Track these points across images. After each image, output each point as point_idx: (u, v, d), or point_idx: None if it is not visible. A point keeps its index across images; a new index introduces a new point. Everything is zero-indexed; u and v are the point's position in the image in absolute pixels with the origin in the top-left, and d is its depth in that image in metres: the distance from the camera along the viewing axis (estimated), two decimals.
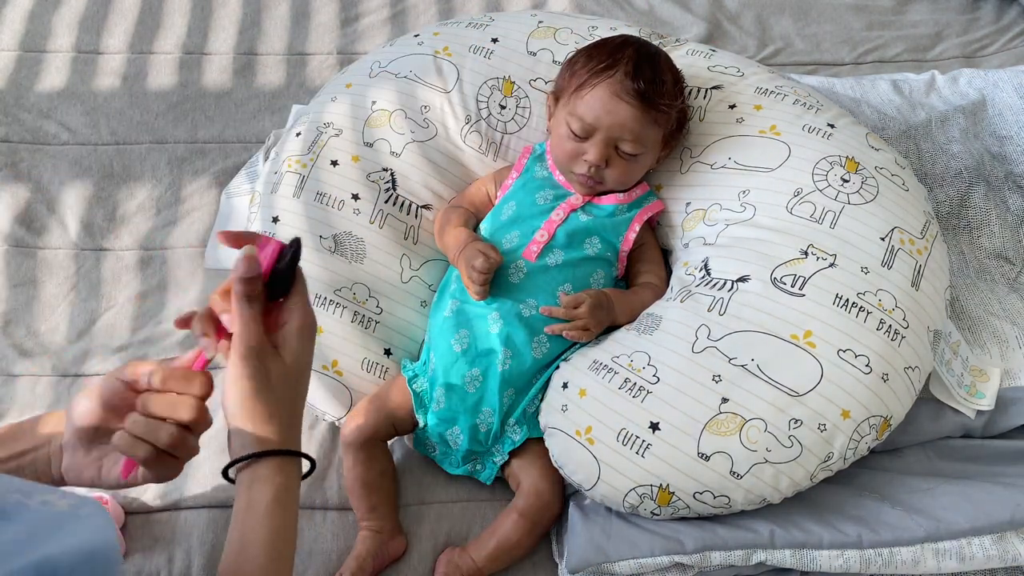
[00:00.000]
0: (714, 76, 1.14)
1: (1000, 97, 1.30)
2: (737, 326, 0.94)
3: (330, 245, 1.07)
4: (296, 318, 0.75)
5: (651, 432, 0.91)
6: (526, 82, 1.16)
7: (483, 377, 1.00)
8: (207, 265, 1.23)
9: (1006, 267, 1.18)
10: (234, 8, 1.59)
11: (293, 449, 0.73)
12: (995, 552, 0.90)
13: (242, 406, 0.71)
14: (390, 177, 1.13)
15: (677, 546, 0.90)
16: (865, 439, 0.92)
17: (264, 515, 0.70)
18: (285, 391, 0.73)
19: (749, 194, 1.04)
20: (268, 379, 0.72)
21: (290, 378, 0.73)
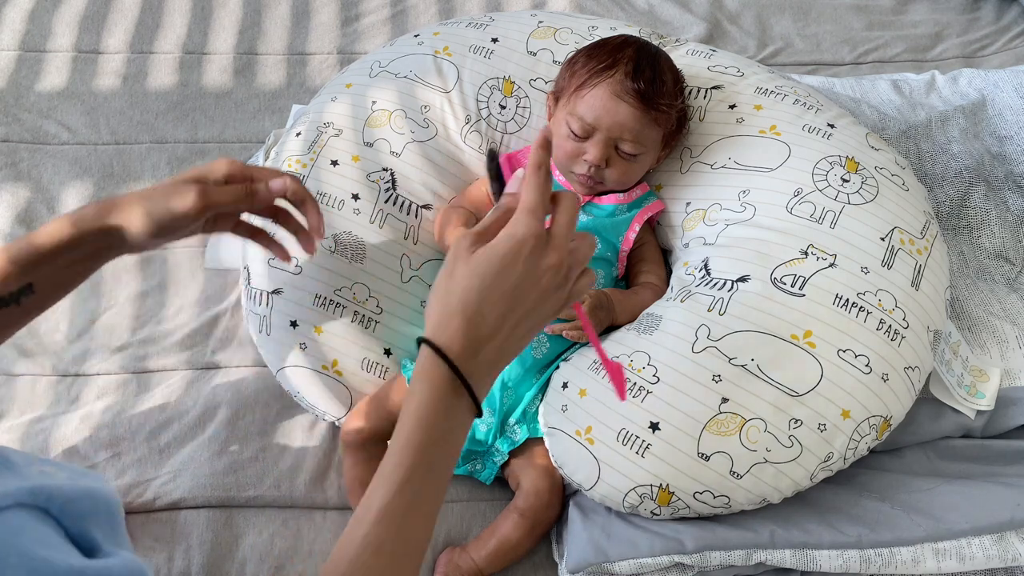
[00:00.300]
0: (714, 76, 1.14)
1: (1000, 97, 1.30)
2: (737, 326, 0.94)
3: (330, 245, 1.07)
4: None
5: (651, 432, 0.91)
6: (526, 82, 1.16)
7: None
8: (207, 265, 1.23)
9: (1006, 267, 1.18)
10: (234, 8, 1.59)
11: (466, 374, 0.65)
12: (995, 552, 0.90)
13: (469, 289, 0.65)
14: (390, 177, 1.13)
15: (677, 546, 0.90)
16: (865, 439, 0.92)
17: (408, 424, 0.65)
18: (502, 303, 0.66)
19: (749, 194, 1.04)
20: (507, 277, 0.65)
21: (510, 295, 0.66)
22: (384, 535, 0.63)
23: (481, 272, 0.65)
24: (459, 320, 0.65)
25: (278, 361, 1.06)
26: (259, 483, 1.03)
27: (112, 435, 1.06)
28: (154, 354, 1.15)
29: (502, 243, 0.66)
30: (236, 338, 1.16)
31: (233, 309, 1.18)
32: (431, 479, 0.66)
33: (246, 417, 1.08)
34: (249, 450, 1.05)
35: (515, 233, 0.66)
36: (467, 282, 0.65)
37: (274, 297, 1.06)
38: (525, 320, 0.67)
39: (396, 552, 0.64)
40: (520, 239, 0.65)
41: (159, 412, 1.09)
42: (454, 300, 0.65)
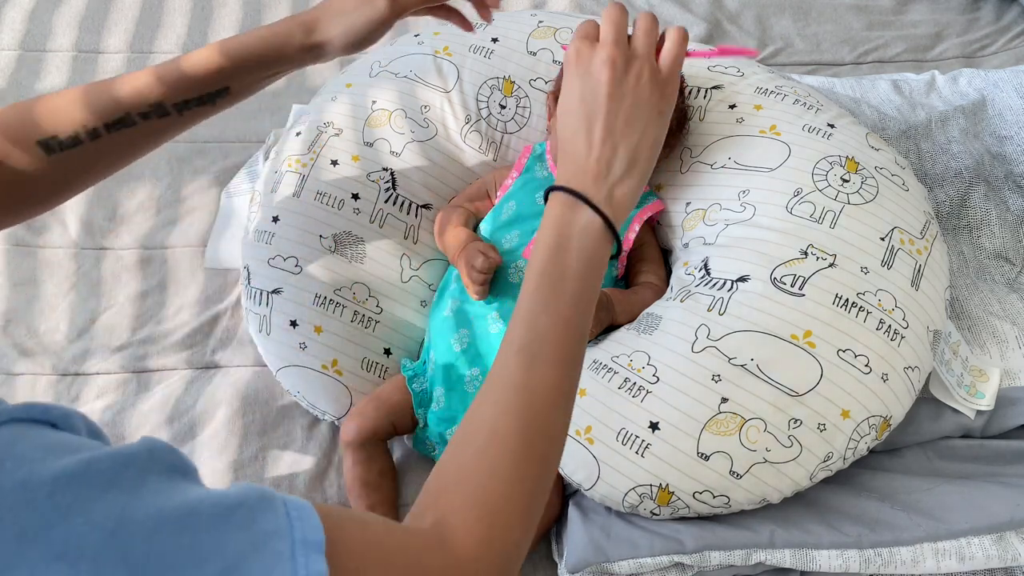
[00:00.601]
0: (714, 76, 1.14)
1: (1000, 97, 1.30)
2: (737, 326, 0.94)
3: (330, 245, 1.08)
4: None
5: (651, 432, 0.91)
6: (526, 82, 1.16)
7: (483, 377, 1.00)
8: (207, 265, 1.23)
9: (1006, 267, 1.18)
10: (234, 8, 1.59)
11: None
12: (995, 552, 0.90)
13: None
14: (390, 177, 1.13)
15: (677, 546, 0.90)
16: (865, 439, 0.92)
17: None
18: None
19: (749, 194, 1.04)
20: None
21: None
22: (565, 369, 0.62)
23: (563, 117, 0.67)
24: (569, 163, 0.66)
25: (278, 361, 1.06)
26: (259, 482, 1.02)
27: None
28: (154, 354, 1.15)
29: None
30: (236, 338, 1.16)
31: (233, 309, 1.18)
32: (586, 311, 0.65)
33: (246, 417, 1.08)
34: (249, 450, 1.05)
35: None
36: (561, 129, 0.67)
37: (274, 297, 1.06)
38: (630, 125, 0.66)
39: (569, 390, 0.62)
40: (571, 62, 0.67)
41: (159, 412, 1.09)
42: (565, 147, 0.67)
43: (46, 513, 0.42)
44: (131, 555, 0.43)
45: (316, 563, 0.48)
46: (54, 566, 0.41)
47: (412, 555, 0.54)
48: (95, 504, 0.43)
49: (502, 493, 0.58)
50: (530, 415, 0.60)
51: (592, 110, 0.65)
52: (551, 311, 0.62)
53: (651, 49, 0.67)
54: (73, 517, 0.42)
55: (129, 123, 0.80)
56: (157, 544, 0.44)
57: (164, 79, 0.80)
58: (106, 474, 0.44)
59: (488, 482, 0.58)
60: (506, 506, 0.58)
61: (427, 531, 0.56)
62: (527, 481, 0.59)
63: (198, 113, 0.82)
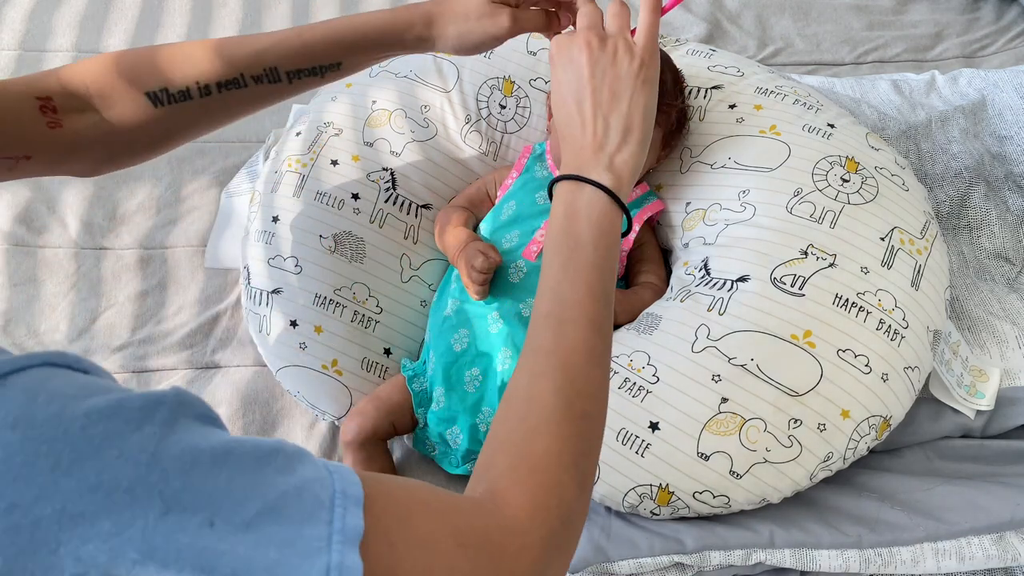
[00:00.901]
0: (714, 76, 1.14)
1: (1000, 97, 1.30)
2: (737, 326, 0.94)
3: (330, 245, 1.08)
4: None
5: (651, 432, 0.91)
6: (526, 82, 1.16)
7: (483, 377, 1.00)
8: (207, 265, 1.23)
9: (1006, 267, 1.18)
10: (234, 8, 1.59)
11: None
12: (995, 552, 0.90)
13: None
14: (390, 177, 1.13)
15: (677, 546, 0.90)
16: (865, 439, 0.92)
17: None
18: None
19: (749, 194, 1.04)
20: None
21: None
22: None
23: (558, 103, 0.71)
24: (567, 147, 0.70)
25: (278, 361, 1.06)
26: None
27: None
28: (154, 353, 1.15)
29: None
30: (236, 338, 1.16)
31: (233, 309, 1.18)
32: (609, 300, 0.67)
33: (246, 416, 1.08)
34: None
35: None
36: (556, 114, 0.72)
37: (274, 297, 1.06)
38: (616, 96, 0.70)
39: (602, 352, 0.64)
40: (553, 57, 0.72)
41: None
42: (561, 130, 0.71)
43: (80, 445, 0.42)
44: (166, 488, 0.43)
45: (354, 516, 0.47)
46: (88, 497, 0.41)
47: (462, 516, 0.54)
48: (128, 438, 0.43)
49: (547, 451, 0.58)
50: (564, 376, 0.61)
51: (579, 93, 0.70)
52: (572, 278, 0.64)
53: (623, 27, 0.72)
54: (107, 450, 0.42)
55: (241, 84, 0.81)
56: (193, 479, 0.44)
57: (283, 47, 0.82)
58: (139, 412, 0.44)
59: (532, 444, 0.58)
60: (553, 465, 0.58)
61: (477, 497, 0.56)
62: (571, 440, 0.59)
63: (307, 83, 0.84)
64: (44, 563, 0.40)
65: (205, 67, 0.80)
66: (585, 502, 0.60)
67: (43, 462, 0.41)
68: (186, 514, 0.43)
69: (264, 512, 0.45)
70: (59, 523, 0.41)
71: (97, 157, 0.82)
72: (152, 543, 0.42)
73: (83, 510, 0.41)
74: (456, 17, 0.84)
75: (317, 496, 0.47)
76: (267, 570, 0.44)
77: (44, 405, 0.42)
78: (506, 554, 0.53)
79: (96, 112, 0.79)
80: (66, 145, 0.79)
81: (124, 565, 0.41)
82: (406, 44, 0.85)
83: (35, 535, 0.40)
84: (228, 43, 0.82)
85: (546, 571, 0.55)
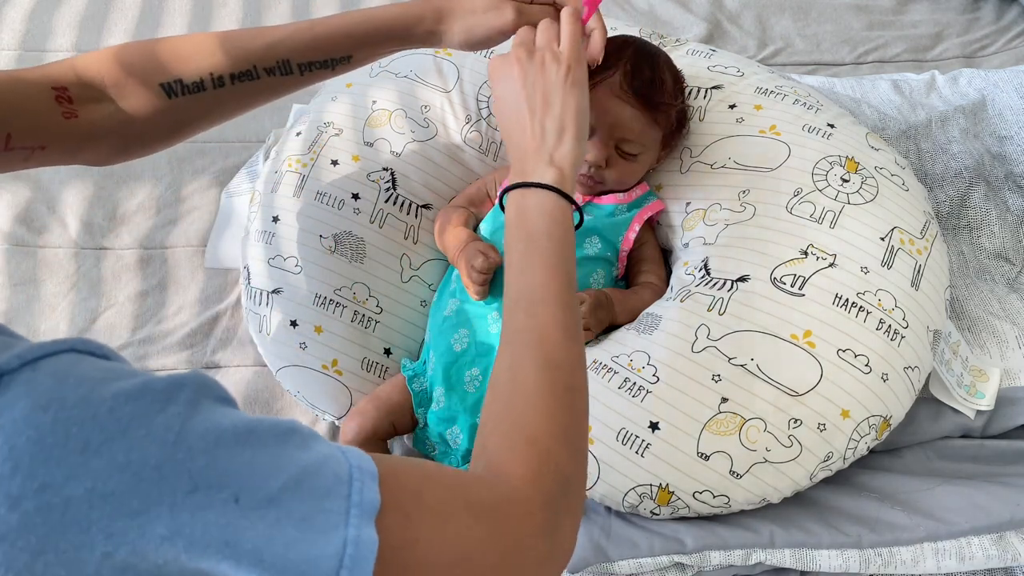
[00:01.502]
0: (714, 76, 1.14)
1: (1000, 97, 1.30)
2: (737, 326, 0.94)
3: (330, 245, 1.08)
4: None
5: (651, 432, 0.91)
6: None
7: (483, 377, 1.00)
8: (207, 264, 1.23)
9: (1006, 267, 1.18)
10: (234, 8, 1.60)
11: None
12: (995, 552, 0.90)
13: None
14: (390, 177, 1.13)
15: (677, 546, 0.90)
16: (865, 439, 0.92)
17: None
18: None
19: (749, 194, 1.04)
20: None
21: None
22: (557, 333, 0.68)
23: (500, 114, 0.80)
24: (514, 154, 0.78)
25: (278, 361, 1.06)
26: None
27: None
28: (154, 353, 1.15)
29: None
30: (236, 338, 1.16)
31: (233, 309, 1.18)
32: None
33: None
34: None
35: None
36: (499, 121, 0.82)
37: (274, 297, 1.06)
38: (548, 101, 0.77)
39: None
40: (490, 76, 0.82)
41: None
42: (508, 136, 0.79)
43: (108, 426, 0.43)
44: (193, 466, 0.44)
45: (371, 491, 0.49)
46: (117, 476, 0.43)
47: (470, 488, 0.57)
48: (155, 419, 0.45)
49: (537, 425, 0.62)
50: (542, 352, 0.65)
51: (515, 103, 0.77)
52: (535, 266, 0.70)
53: (550, 39, 0.79)
54: (134, 430, 0.44)
55: (254, 76, 0.84)
56: (218, 457, 0.45)
57: (295, 40, 0.84)
58: (163, 393, 0.46)
59: (521, 418, 0.62)
60: (544, 435, 0.61)
61: (479, 472, 0.60)
62: (558, 413, 0.63)
63: (318, 75, 0.87)
64: (75, 541, 0.41)
65: (219, 59, 0.82)
66: (582, 471, 0.64)
67: (73, 443, 0.42)
68: (212, 491, 0.44)
69: (287, 487, 0.47)
70: (89, 502, 0.42)
71: (111, 147, 0.83)
72: (179, 519, 0.43)
73: (113, 489, 0.42)
74: (464, 12, 0.86)
75: (335, 471, 0.49)
76: (287, 546, 0.46)
77: (73, 388, 0.44)
78: (512, 519, 0.57)
79: (111, 102, 0.80)
80: (81, 135, 0.79)
81: (153, 541, 0.43)
82: (415, 38, 0.87)
83: (66, 514, 0.41)
84: (242, 35, 0.84)
85: (554, 533, 0.59)
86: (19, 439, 0.41)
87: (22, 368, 0.44)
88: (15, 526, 0.40)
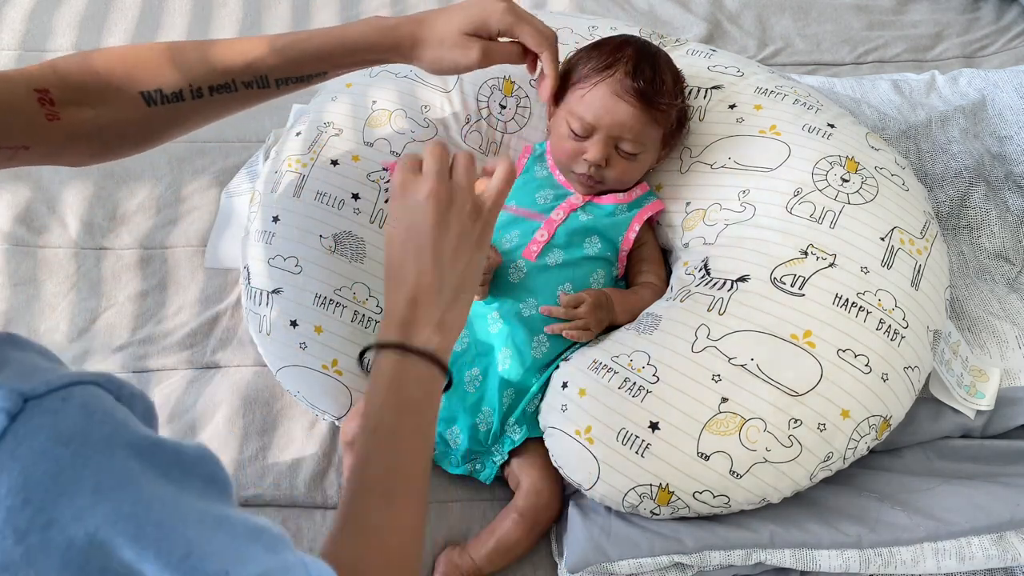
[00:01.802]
0: (714, 76, 1.14)
1: (1000, 97, 1.30)
2: (737, 326, 0.94)
3: (330, 245, 1.08)
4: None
5: (651, 432, 0.91)
6: (526, 82, 1.16)
7: (483, 376, 1.00)
8: (207, 264, 1.23)
9: (1006, 267, 1.18)
10: (234, 8, 1.60)
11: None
12: (995, 552, 0.90)
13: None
14: (390, 177, 1.12)
15: (677, 545, 0.90)
16: (865, 439, 0.92)
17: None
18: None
19: (749, 194, 1.04)
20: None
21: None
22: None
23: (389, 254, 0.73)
24: (395, 306, 0.72)
25: (278, 361, 1.06)
26: (259, 482, 1.03)
27: None
28: (154, 353, 1.15)
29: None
30: (236, 338, 1.16)
31: (233, 309, 1.18)
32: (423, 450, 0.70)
33: (246, 416, 1.08)
34: (249, 449, 1.05)
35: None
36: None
37: (274, 297, 1.06)
38: (457, 255, 0.72)
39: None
40: (396, 193, 0.73)
41: (159, 411, 1.08)
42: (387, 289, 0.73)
43: (120, 474, 0.45)
44: (187, 533, 0.47)
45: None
46: (121, 525, 0.44)
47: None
48: (159, 479, 0.47)
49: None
50: (385, 556, 0.64)
51: (419, 240, 0.70)
52: (402, 451, 0.67)
53: (471, 184, 0.72)
54: (144, 485, 0.46)
55: (232, 89, 0.86)
56: (203, 535, 0.47)
57: (274, 57, 0.86)
58: (166, 461, 0.48)
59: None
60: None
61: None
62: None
63: (293, 88, 0.89)
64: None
65: (199, 71, 0.84)
66: None
67: (87, 483, 0.44)
68: (201, 561, 0.47)
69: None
70: (89, 545, 0.43)
71: (92, 149, 0.85)
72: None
73: (113, 537, 0.44)
74: (434, 43, 0.91)
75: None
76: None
77: (99, 424, 0.45)
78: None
79: (92, 107, 0.81)
80: (63, 137, 0.80)
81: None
82: (388, 60, 0.92)
83: (67, 555, 0.43)
84: (222, 47, 0.85)
85: None
86: (36, 471, 0.42)
87: (48, 395, 0.45)
88: (18, 559, 0.41)
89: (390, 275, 0.72)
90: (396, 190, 0.72)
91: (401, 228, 0.71)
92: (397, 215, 0.72)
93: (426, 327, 0.70)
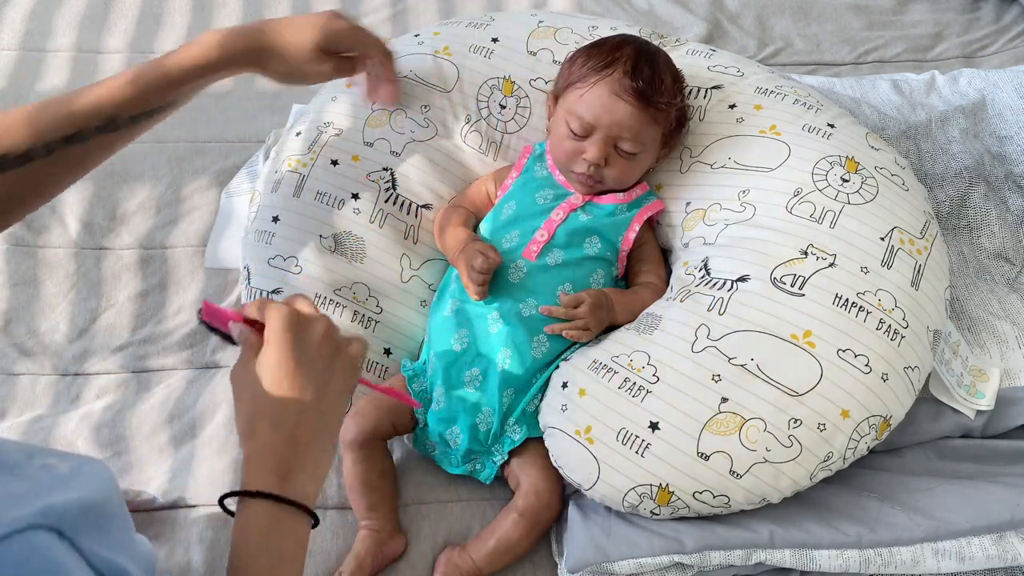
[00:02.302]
0: (714, 76, 1.14)
1: (1000, 97, 1.30)
2: (737, 326, 0.94)
3: (330, 245, 1.08)
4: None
5: (651, 432, 0.91)
6: (526, 82, 1.16)
7: (483, 377, 1.00)
8: (207, 264, 1.23)
9: (1006, 267, 1.18)
10: (234, 8, 1.60)
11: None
12: (995, 552, 0.90)
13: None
14: (390, 177, 1.13)
15: (677, 546, 0.90)
16: (865, 439, 0.92)
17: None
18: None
19: (749, 194, 1.04)
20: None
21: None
22: None
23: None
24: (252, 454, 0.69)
25: None
26: None
27: (112, 434, 1.06)
28: (154, 353, 1.15)
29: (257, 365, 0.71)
30: None
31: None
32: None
33: None
34: None
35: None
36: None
37: (274, 297, 1.06)
38: (334, 408, 0.72)
39: None
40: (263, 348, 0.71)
41: (159, 411, 1.09)
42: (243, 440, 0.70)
43: None
44: None
45: None
46: None
47: None
48: None
49: None
50: None
51: (291, 379, 0.69)
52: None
53: (334, 328, 0.73)
54: None
55: (83, 137, 0.83)
56: None
57: (118, 95, 0.85)
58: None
59: None
60: None
61: None
62: None
63: (143, 126, 0.89)
64: None
65: (47, 125, 0.81)
66: None
67: None
68: None
69: None
70: None
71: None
72: None
73: None
74: (288, 56, 0.95)
75: None
76: None
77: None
78: None
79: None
80: None
81: None
82: (233, 72, 0.94)
83: None
84: (81, 93, 0.84)
85: None
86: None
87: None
88: None
89: (261, 415, 0.69)
90: (270, 332, 0.70)
91: (271, 367, 0.69)
92: (271, 356, 0.70)
93: (301, 476, 0.69)
